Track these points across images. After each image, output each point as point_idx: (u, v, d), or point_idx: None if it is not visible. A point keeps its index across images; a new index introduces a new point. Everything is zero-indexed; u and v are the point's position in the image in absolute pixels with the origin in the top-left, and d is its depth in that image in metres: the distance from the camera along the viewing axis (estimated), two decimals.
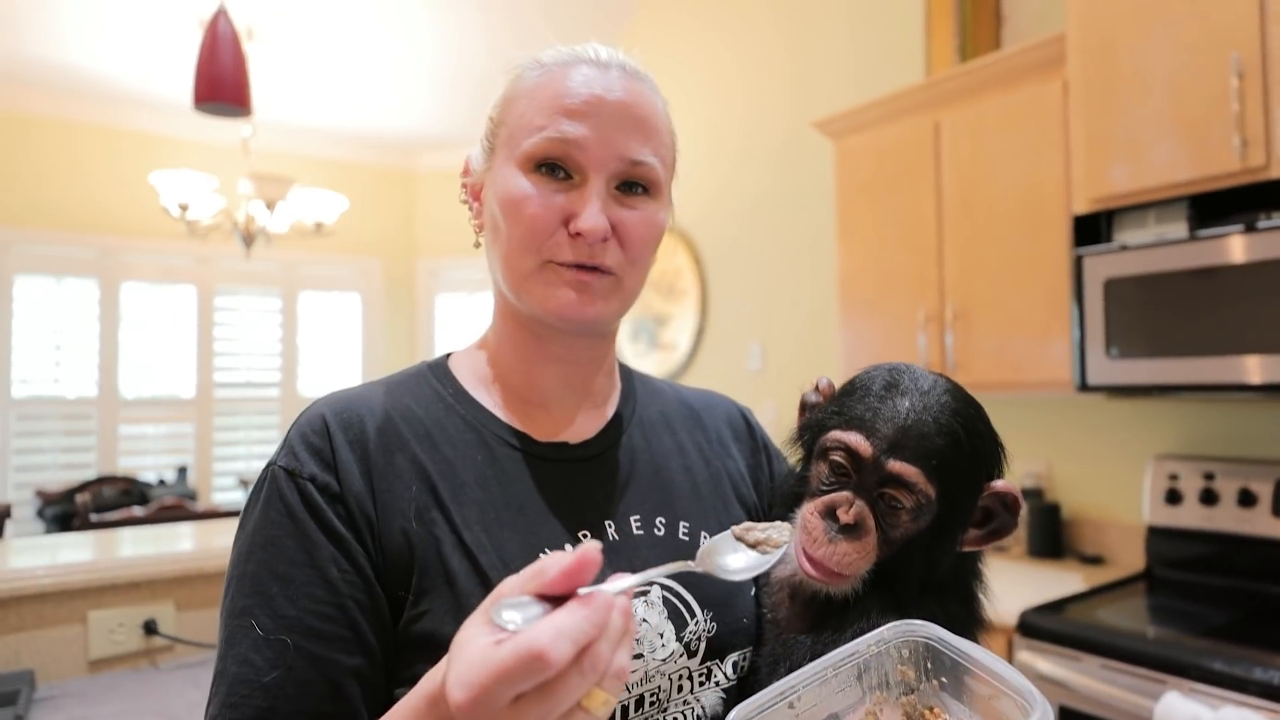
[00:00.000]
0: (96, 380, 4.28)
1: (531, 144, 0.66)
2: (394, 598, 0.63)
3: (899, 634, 0.57)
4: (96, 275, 4.28)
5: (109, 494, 3.97)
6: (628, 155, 0.67)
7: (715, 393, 0.92)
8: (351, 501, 0.63)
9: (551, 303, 0.67)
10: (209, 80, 1.94)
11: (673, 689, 0.68)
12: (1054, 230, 2.10)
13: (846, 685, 0.58)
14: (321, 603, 0.60)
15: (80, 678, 1.51)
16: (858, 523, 0.65)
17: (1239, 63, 1.71)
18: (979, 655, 0.54)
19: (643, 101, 0.69)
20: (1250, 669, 1.46)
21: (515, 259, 0.68)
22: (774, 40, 3.37)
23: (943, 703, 0.57)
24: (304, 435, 0.66)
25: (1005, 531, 0.69)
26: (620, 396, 0.81)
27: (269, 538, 0.62)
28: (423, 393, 0.73)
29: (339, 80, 4.23)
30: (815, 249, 3.13)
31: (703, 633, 0.70)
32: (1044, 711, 0.48)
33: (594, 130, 0.66)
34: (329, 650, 0.60)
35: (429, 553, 0.63)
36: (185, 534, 1.92)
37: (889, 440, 0.66)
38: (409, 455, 0.67)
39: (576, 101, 0.66)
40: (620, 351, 4.14)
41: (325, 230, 3.73)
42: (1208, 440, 2.13)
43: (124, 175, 4.27)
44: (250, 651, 0.59)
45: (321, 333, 4.99)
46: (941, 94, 2.36)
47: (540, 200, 0.66)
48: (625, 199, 0.69)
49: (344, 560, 0.62)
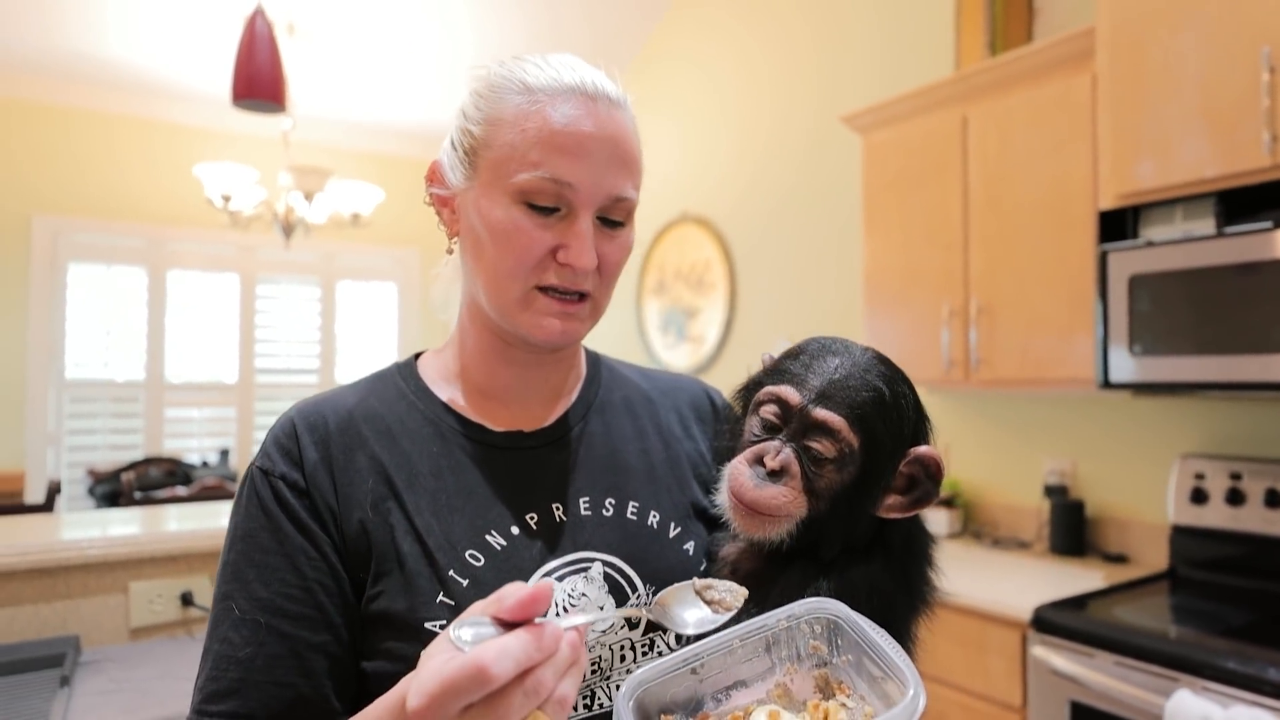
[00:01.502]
0: (144, 364, 4.43)
1: (524, 180, 0.68)
2: (355, 580, 0.69)
3: (809, 610, 0.60)
4: (144, 264, 4.44)
5: (155, 474, 4.13)
6: (614, 193, 0.71)
7: (683, 375, 0.95)
8: (316, 495, 0.70)
9: (538, 331, 0.72)
10: (246, 79, 2.02)
11: (614, 658, 0.72)
12: (1080, 226, 2.08)
13: (754, 655, 0.60)
14: (291, 586, 0.67)
15: (122, 644, 1.60)
16: (784, 468, 0.68)
17: (1270, 57, 1.68)
18: (874, 637, 0.56)
19: (626, 135, 0.72)
20: (1264, 669, 1.45)
21: (503, 285, 0.71)
22: (804, 35, 3.37)
23: (850, 679, 0.59)
24: (277, 438, 0.73)
25: (928, 499, 0.71)
26: (584, 383, 0.85)
27: (247, 530, 0.69)
28: (387, 392, 0.78)
29: (378, 75, 4.31)
30: (842, 243, 3.13)
31: (644, 606, 0.73)
32: (916, 692, 0.50)
33: (586, 171, 0.69)
34: (296, 628, 0.66)
35: (384, 539, 0.69)
36: (223, 512, 2.01)
37: (816, 391, 0.69)
38: (368, 452, 0.73)
39: (569, 141, 0.68)
40: (649, 343, 4.19)
41: (362, 221, 3.82)
42: (1235, 440, 2.10)
43: (170, 167, 4.42)
44: (230, 631, 0.66)
45: (359, 321, 5.11)
46: (970, 88, 2.34)
47: (532, 234, 0.69)
48: (605, 231, 0.72)
49: (311, 549, 0.68)
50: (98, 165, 4.27)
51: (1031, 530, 2.51)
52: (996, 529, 2.61)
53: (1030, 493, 2.53)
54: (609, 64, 0.75)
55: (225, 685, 0.65)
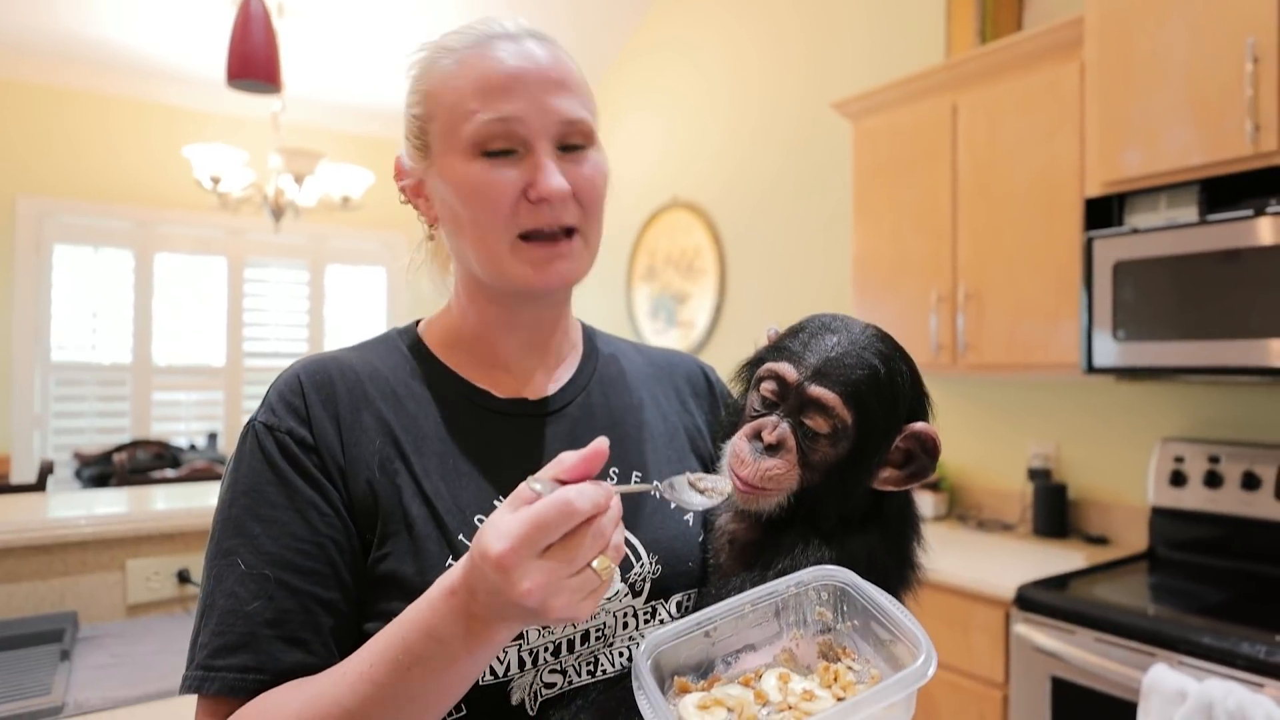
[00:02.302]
0: (131, 347, 4.41)
1: (472, 129, 0.69)
2: (363, 538, 0.69)
3: (817, 577, 0.62)
4: (131, 246, 4.40)
5: (142, 457, 4.12)
6: (564, 116, 0.71)
7: (678, 351, 0.97)
8: (324, 452, 0.69)
9: (530, 277, 0.72)
10: (241, 58, 2.01)
11: (618, 625, 0.74)
12: (1067, 214, 2.11)
13: (763, 620, 0.63)
14: (301, 540, 0.66)
15: (120, 620, 1.61)
16: (780, 442, 0.71)
17: (1254, 48, 1.71)
18: (884, 602, 0.58)
19: (561, 63, 0.72)
20: (1238, 644, 1.50)
21: (487, 241, 0.71)
22: (794, 21, 3.38)
23: (854, 644, 0.61)
24: (281, 394, 0.72)
25: (924, 474, 0.73)
26: (582, 356, 0.86)
27: (251, 485, 0.68)
28: (390, 355, 0.78)
29: (367, 56, 4.29)
30: (832, 229, 3.16)
31: (647, 574, 0.75)
32: (928, 655, 0.53)
33: (527, 101, 0.69)
34: (307, 583, 0.65)
35: (391, 500, 0.69)
36: (214, 493, 2.02)
37: (813, 368, 0.72)
38: (374, 412, 0.72)
39: (503, 78, 0.69)
40: (639, 328, 4.21)
41: (352, 204, 3.81)
42: (1213, 424, 2.15)
43: (158, 149, 4.38)
44: (235, 585, 0.65)
45: (347, 304, 5.10)
46: (959, 76, 2.37)
47: (496, 180, 0.69)
48: (569, 156, 0.72)
49: (322, 503, 0.68)
50: (84, 146, 4.23)
51: (1015, 513, 2.56)
52: (981, 511, 2.66)
53: (1015, 476, 2.58)
54: (599, 50, 0.77)
55: (233, 639, 0.63)
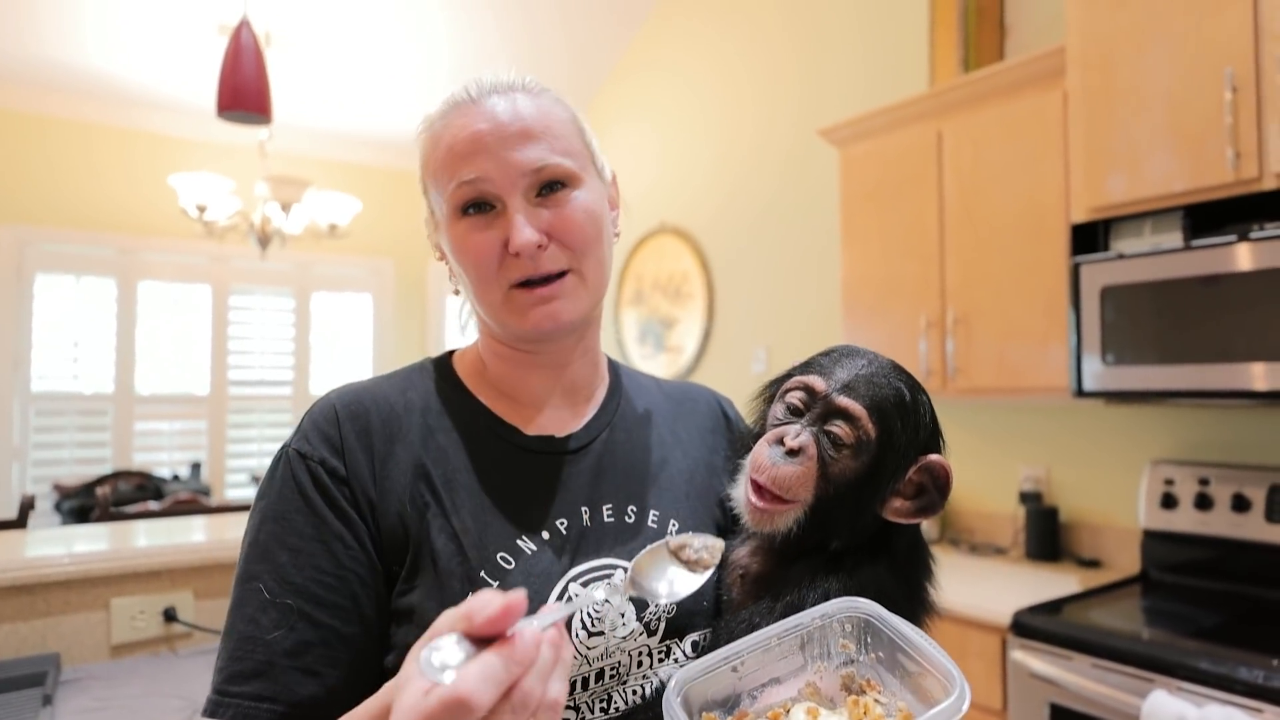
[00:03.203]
0: (113, 377, 4.35)
1: (449, 195, 0.74)
2: (389, 571, 0.69)
3: (842, 609, 0.62)
4: (114, 274, 4.36)
5: (124, 489, 4.05)
6: (527, 167, 0.72)
7: (695, 384, 0.98)
8: (355, 484, 0.70)
9: (527, 323, 0.74)
10: (232, 90, 2.00)
11: (632, 664, 0.73)
12: (1053, 239, 2.13)
13: (789, 653, 0.62)
14: (325, 573, 0.66)
15: (104, 662, 1.57)
16: (801, 448, 0.71)
17: (1233, 77, 1.74)
18: (911, 635, 0.58)
19: (520, 113, 0.74)
20: (1236, 669, 1.50)
21: (482, 295, 0.75)
22: (783, 47, 3.42)
23: (879, 676, 0.61)
24: (316, 423, 0.73)
25: (933, 509, 0.74)
26: (608, 392, 0.87)
27: (280, 512, 0.68)
28: (425, 386, 0.79)
29: (355, 84, 4.30)
30: (820, 255, 3.18)
31: (662, 614, 0.75)
32: (961, 690, 0.52)
33: (486, 160, 0.72)
34: (329, 616, 0.66)
35: (421, 535, 0.70)
36: (200, 527, 1.98)
37: (842, 382, 0.73)
38: (407, 445, 0.73)
39: (461, 146, 0.73)
40: (627, 353, 4.21)
41: (339, 232, 3.80)
42: (1203, 446, 2.16)
43: (142, 176, 4.35)
44: (257, 612, 0.65)
45: (333, 332, 5.07)
46: (944, 104, 2.40)
47: (478, 238, 0.73)
48: (549, 199, 0.74)
49: (349, 536, 0.68)
50: (67, 173, 4.20)
51: (1007, 536, 2.56)
52: (973, 535, 2.66)
53: (1006, 499, 2.58)
54: (587, 75, 0.79)
55: (250, 666, 0.64)
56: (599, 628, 0.71)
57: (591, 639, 0.71)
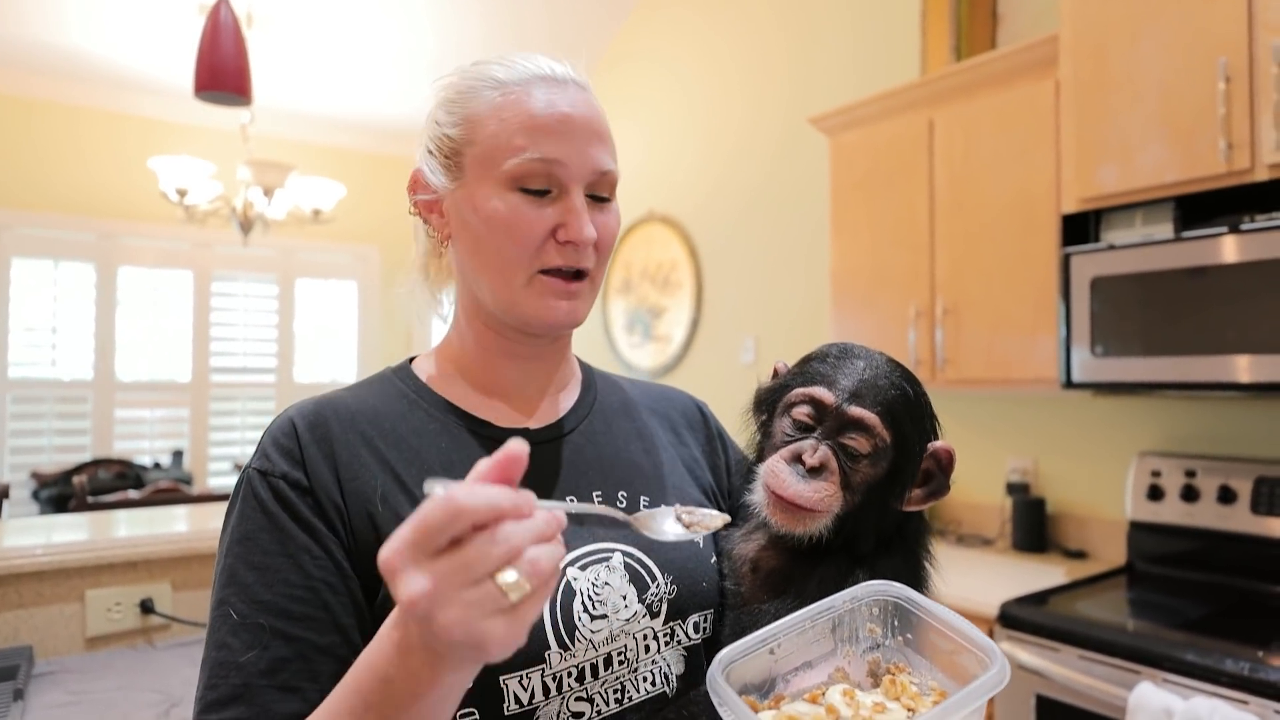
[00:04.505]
0: (93, 363, 4.29)
1: (515, 165, 0.71)
2: (367, 577, 0.67)
3: (871, 592, 0.62)
4: (94, 259, 4.29)
5: (104, 477, 4.00)
6: (599, 167, 0.73)
7: (671, 387, 0.98)
8: (320, 493, 0.68)
9: (546, 314, 0.73)
10: (210, 69, 1.95)
11: (639, 649, 0.73)
12: (1044, 229, 2.12)
13: (821, 636, 0.63)
14: (295, 587, 0.65)
15: (78, 655, 1.54)
16: (823, 465, 0.71)
17: (1226, 67, 1.73)
18: (942, 613, 0.59)
19: (597, 113, 0.75)
20: (1222, 660, 1.50)
21: (508, 273, 0.73)
22: (773, 35, 3.39)
23: (906, 658, 0.62)
24: (275, 439, 0.71)
25: (941, 492, 0.75)
26: (582, 385, 0.87)
27: (245, 533, 0.67)
28: (387, 392, 0.78)
29: (338, 67, 4.23)
30: (810, 244, 3.16)
31: (664, 595, 0.75)
32: (1002, 664, 0.53)
33: (570, 147, 0.71)
34: (302, 629, 0.64)
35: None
36: (180, 516, 1.95)
37: (849, 390, 0.73)
38: (373, 448, 0.72)
39: (550, 121, 0.71)
40: (615, 342, 4.18)
41: (323, 217, 3.74)
42: (1189, 438, 2.16)
43: (123, 160, 4.28)
44: (228, 636, 0.63)
45: (318, 319, 5.01)
46: (936, 92, 2.38)
47: (530, 216, 0.71)
48: (596, 205, 0.75)
49: (315, 547, 0.66)
50: (45, 157, 4.12)
51: (994, 527, 2.56)
52: (961, 526, 2.66)
53: (993, 490, 2.58)
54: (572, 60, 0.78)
55: (226, 692, 0.62)
56: (601, 610, 0.71)
57: (595, 622, 0.70)
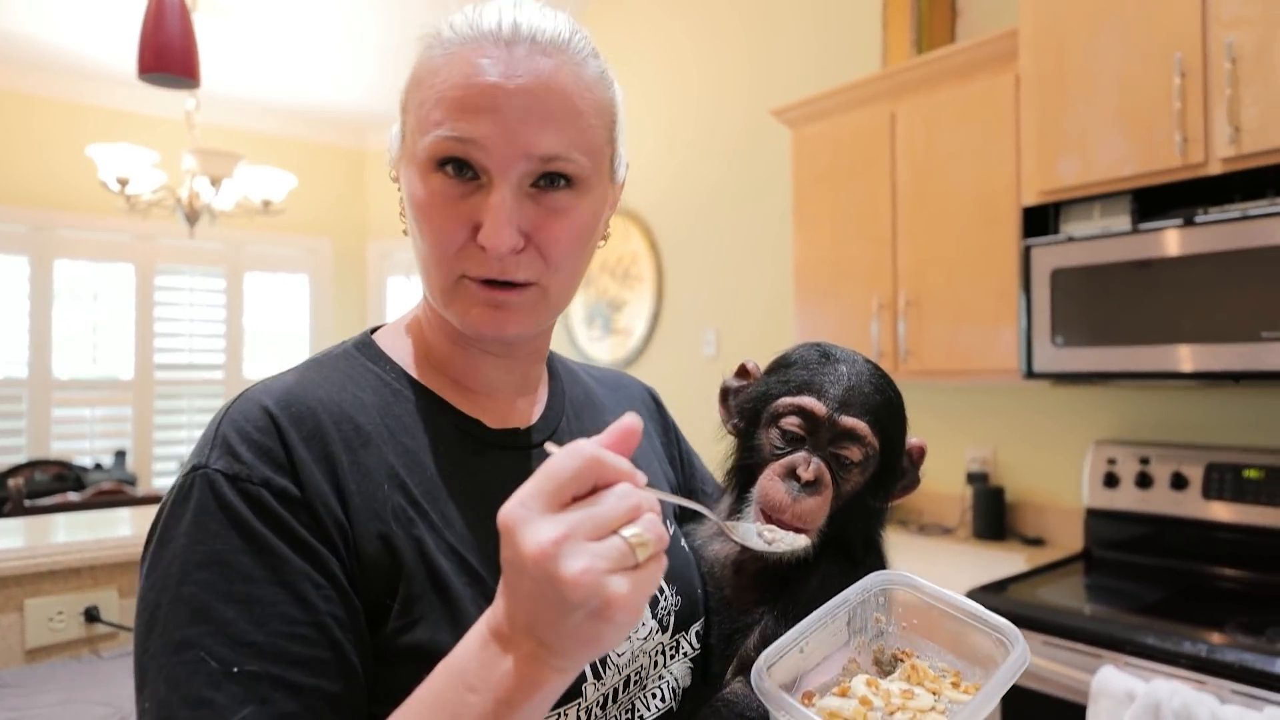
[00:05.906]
0: (27, 360, 4.11)
1: (427, 143, 0.59)
2: (377, 604, 0.57)
3: (879, 582, 0.62)
4: (27, 252, 4.10)
5: (41, 479, 3.83)
6: (536, 152, 0.59)
7: (623, 373, 0.94)
8: (318, 507, 0.56)
9: (468, 320, 0.62)
10: (155, 50, 1.85)
11: (650, 665, 0.69)
12: (1005, 222, 2.15)
13: (839, 630, 0.63)
14: (296, 623, 0.52)
15: (16, 668, 1.46)
16: (817, 478, 0.70)
17: (1181, 62, 1.76)
18: (950, 596, 0.60)
19: (556, 83, 0.60)
20: (1180, 643, 1.53)
21: (430, 271, 0.63)
22: (733, 27, 3.37)
23: (911, 644, 0.62)
24: (244, 433, 0.57)
25: (914, 486, 0.78)
26: (551, 379, 0.79)
27: (212, 555, 0.53)
28: (365, 379, 0.65)
29: (286, 54, 4.10)
30: (772, 237, 3.16)
31: (671, 607, 0.72)
32: (1023, 645, 0.54)
33: (495, 126, 0.58)
34: (311, 676, 0.52)
35: (414, 557, 0.58)
36: (125, 519, 1.86)
37: (838, 400, 0.72)
38: (374, 450, 0.60)
39: (472, 93, 0.58)
40: (575, 336, 4.14)
41: (273, 209, 3.63)
42: (1144, 426, 2.21)
43: (59, 147, 4.09)
44: (206, 689, 0.49)
45: (268, 314, 4.87)
46: (897, 85, 2.39)
47: (445, 208, 0.60)
48: (545, 196, 0.61)
49: (316, 574, 0.54)
50: None
51: (955, 516, 2.59)
52: (921, 516, 2.69)
53: (954, 480, 2.62)
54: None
55: None
56: None
57: (620, 644, 0.63)
